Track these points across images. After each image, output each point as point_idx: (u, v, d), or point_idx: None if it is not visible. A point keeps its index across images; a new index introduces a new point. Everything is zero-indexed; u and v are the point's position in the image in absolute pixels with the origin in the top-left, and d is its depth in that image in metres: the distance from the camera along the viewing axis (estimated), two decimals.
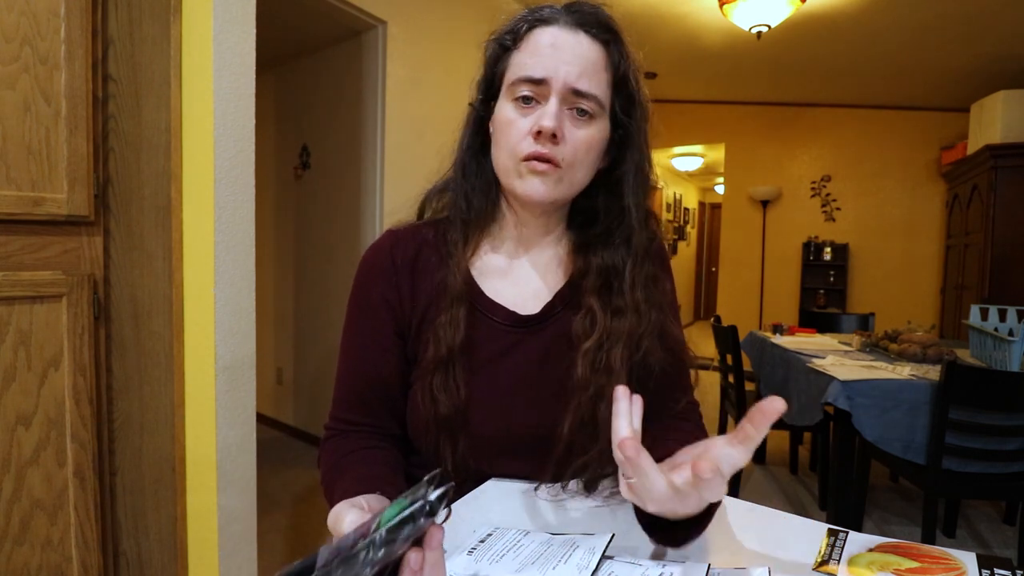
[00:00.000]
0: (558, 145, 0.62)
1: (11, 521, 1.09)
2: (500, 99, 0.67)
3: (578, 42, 0.63)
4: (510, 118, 0.64)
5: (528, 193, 0.64)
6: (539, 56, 0.62)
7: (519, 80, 0.63)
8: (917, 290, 4.77)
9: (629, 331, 0.66)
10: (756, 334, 2.87)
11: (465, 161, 0.72)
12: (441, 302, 0.67)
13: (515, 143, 0.63)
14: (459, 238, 0.70)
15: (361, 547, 0.33)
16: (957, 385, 1.63)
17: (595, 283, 0.68)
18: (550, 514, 0.62)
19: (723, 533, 0.58)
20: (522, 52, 0.64)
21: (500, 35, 0.68)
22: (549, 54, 0.62)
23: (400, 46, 2.40)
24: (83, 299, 1.16)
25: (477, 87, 0.72)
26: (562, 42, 0.63)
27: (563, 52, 0.62)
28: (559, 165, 0.63)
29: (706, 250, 9.23)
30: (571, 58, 0.62)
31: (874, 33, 3.40)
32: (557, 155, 0.62)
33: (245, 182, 1.35)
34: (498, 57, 0.68)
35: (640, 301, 0.67)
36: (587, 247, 0.70)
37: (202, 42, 1.26)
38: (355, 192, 2.58)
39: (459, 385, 0.66)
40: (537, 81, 0.62)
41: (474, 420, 0.66)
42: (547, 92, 0.62)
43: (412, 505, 0.35)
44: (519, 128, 0.63)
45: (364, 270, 0.72)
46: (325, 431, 0.73)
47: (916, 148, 4.73)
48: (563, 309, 0.70)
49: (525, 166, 0.63)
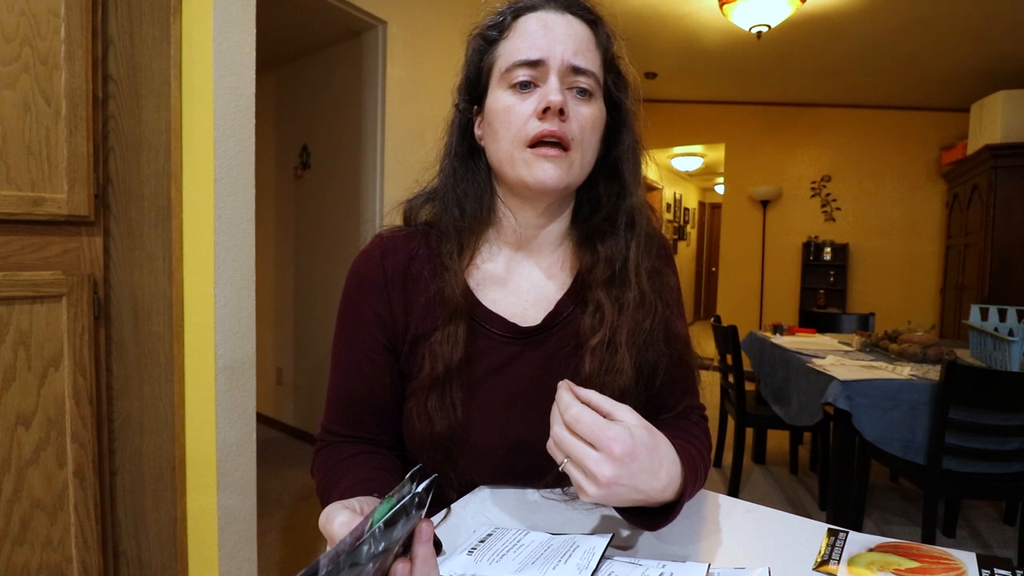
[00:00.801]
0: (565, 122, 0.61)
1: (11, 521, 1.09)
2: (492, 92, 0.64)
3: (568, 22, 0.62)
4: (508, 104, 0.62)
5: (541, 179, 0.61)
6: (531, 38, 0.61)
7: (514, 65, 0.61)
8: (917, 290, 4.77)
9: (638, 325, 0.64)
10: (756, 334, 2.87)
11: (455, 167, 0.69)
12: (436, 316, 0.65)
13: (518, 128, 0.61)
14: (454, 248, 0.66)
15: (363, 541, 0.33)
16: (957, 385, 1.63)
17: (603, 274, 0.66)
18: (550, 514, 0.62)
19: (723, 533, 0.58)
20: (511, 40, 0.63)
21: (483, 29, 0.66)
22: (542, 35, 0.61)
23: (400, 46, 2.40)
24: (83, 299, 1.16)
25: (459, 90, 0.70)
26: (552, 22, 0.62)
27: (555, 31, 0.61)
28: (568, 146, 0.61)
29: (706, 250, 9.23)
30: (563, 36, 0.61)
31: (874, 33, 3.40)
32: (567, 133, 0.61)
33: (245, 182, 1.35)
34: (483, 51, 0.66)
35: (647, 290, 0.66)
36: (592, 238, 0.68)
37: (202, 42, 1.26)
38: (355, 192, 2.58)
39: (456, 404, 0.63)
40: (534, 63, 0.60)
41: (472, 436, 0.65)
42: (545, 73, 0.61)
43: (402, 499, 0.35)
44: (520, 112, 0.61)
45: (354, 280, 0.69)
46: (318, 441, 0.71)
47: (916, 148, 4.73)
48: (565, 319, 0.68)
49: (532, 153, 0.61)
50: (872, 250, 4.92)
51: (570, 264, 0.71)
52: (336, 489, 0.60)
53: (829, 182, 5.00)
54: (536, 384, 0.65)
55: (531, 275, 0.70)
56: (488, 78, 0.65)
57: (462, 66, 0.70)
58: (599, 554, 0.49)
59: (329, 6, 2.17)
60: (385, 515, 0.34)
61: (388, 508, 0.35)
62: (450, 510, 0.61)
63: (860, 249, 4.94)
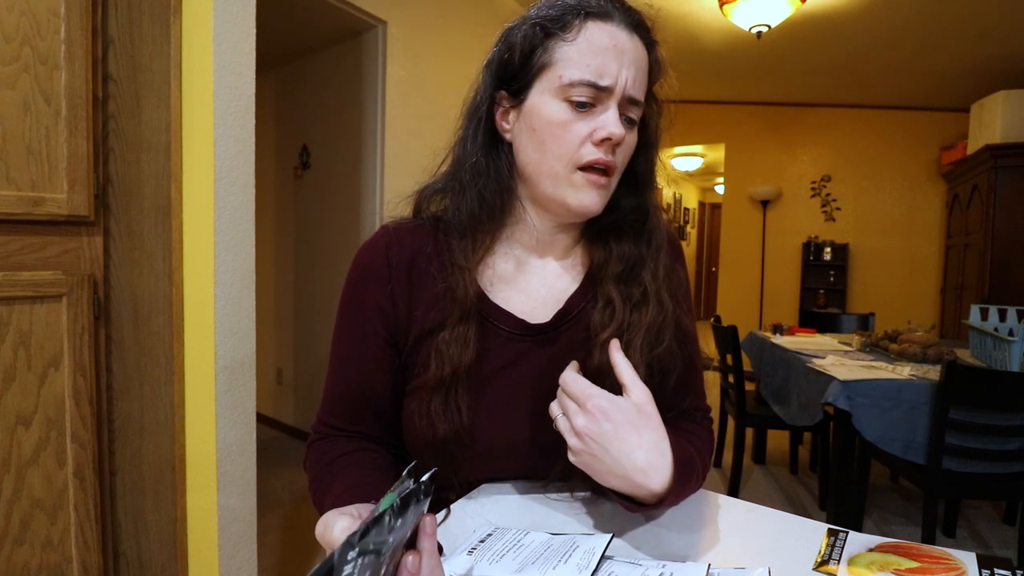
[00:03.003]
0: (615, 153, 0.60)
1: (11, 521, 1.08)
2: (540, 94, 0.60)
3: (635, 46, 0.59)
4: (564, 120, 0.59)
5: (585, 205, 0.60)
6: (602, 58, 0.57)
7: (580, 83, 0.57)
8: (917, 290, 4.77)
9: (650, 323, 0.63)
10: (756, 334, 2.87)
11: (476, 158, 0.64)
12: (442, 312, 0.63)
13: (572, 148, 0.59)
14: (467, 245, 0.64)
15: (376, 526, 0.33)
16: (957, 385, 1.63)
17: (615, 270, 0.65)
18: (550, 514, 0.62)
19: (723, 533, 0.58)
20: (577, 47, 0.58)
21: (543, 19, 0.60)
22: (613, 57, 0.57)
23: (400, 46, 2.40)
24: (83, 299, 1.16)
25: (489, 70, 0.64)
26: (623, 44, 0.58)
27: (625, 56, 0.58)
28: (612, 174, 0.61)
29: (706, 250, 9.23)
30: (630, 63, 0.58)
31: (874, 33, 3.40)
32: (616, 163, 0.60)
33: (245, 182, 1.35)
34: (536, 43, 0.60)
35: (661, 289, 0.65)
36: (605, 236, 0.68)
37: (202, 42, 1.26)
38: (355, 192, 2.58)
39: (461, 407, 0.62)
40: (601, 88, 0.58)
41: (477, 438, 0.63)
42: (608, 99, 0.58)
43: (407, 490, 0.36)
44: (578, 132, 0.59)
45: (358, 271, 0.67)
46: (312, 432, 0.70)
47: (916, 148, 4.73)
48: (575, 317, 0.67)
49: (582, 177, 0.59)
50: (872, 250, 4.92)
51: (582, 262, 0.70)
52: (330, 493, 0.59)
53: (829, 182, 5.00)
54: (543, 382, 0.63)
55: (542, 273, 0.69)
56: (537, 75, 0.60)
57: (498, 44, 0.64)
58: (599, 554, 0.49)
59: (329, 6, 2.17)
60: (394, 502, 0.34)
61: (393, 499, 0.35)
62: (450, 510, 0.61)
63: (860, 249, 4.94)
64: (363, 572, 0.31)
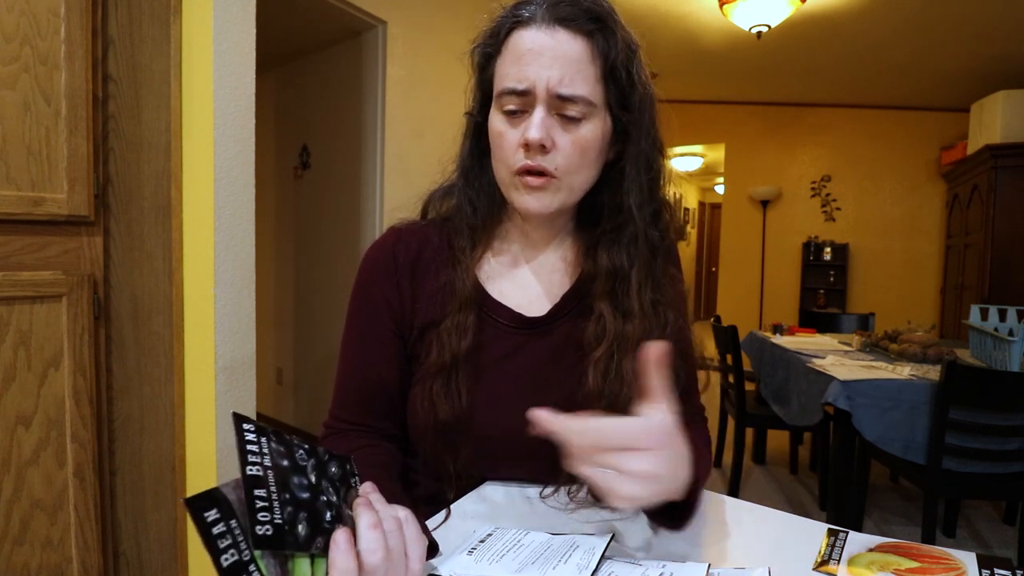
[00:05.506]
0: (548, 154, 0.60)
1: (11, 521, 1.09)
2: (492, 108, 0.64)
3: (557, 42, 0.59)
4: (500, 130, 0.62)
5: (526, 208, 0.63)
6: (519, 65, 0.60)
7: (503, 92, 0.61)
8: (917, 290, 4.77)
9: (640, 336, 0.63)
10: (756, 334, 2.87)
11: (467, 166, 0.71)
12: (444, 304, 0.66)
13: (507, 156, 0.62)
14: (466, 243, 0.69)
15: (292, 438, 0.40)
16: (957, 385, 1.63)
17: (604, 287, 0.66)
18: (550, 514, 0.62)
19: (723, 533, 0.58)
20: (504, 59, 0.62)
21: (483, 41, 0.66)
22: (529, 60, 0.59)
23: (400, 46, 2.40)
24: (83, 299, 1.16)
25: (472, 94, 0.70)
26: (540, 45, 0.59)
27: (542, 56, 0.59)
28: (554, 176, 0.61)
29: (706, 250, 9.23)
30: (550, 62, 0.58)
31: (874, 33, 3.40)
32: (549, 165, 0.60)
33: (245, 182, 1.35)
34: (483, 66, 0.66)
35: (647, 304, 0.65)
36: (594, 248, 0.68)
37: (202, 42, 1.26)
38: (355, 192, 2.58)
39: (461, 391, 0.64)
40: (520, 93, 0.60)
41: (476, 424, 0.65)
42: (532, 101, 0.60)
43: (329, 454, 0.43)
44: (510, 141, 0.62)
45: (366, 268, 0.71)
46: (323, 428, 0.72)
47: (916, 148, 4.73)
48: (570, 313, 0.68)
49: (520, 180, 0.62)
50: (872, 250, 4.92)
51: (572, 266, 0.72)
52: None
53: (829, 182, 5.00)
54: (541, 373, 0.67)
55: (538, 268, 0.72)
56: (491, 90, 0.65)
57: (470, 71, 0.70)
58: (599, 554, 0.49)
59: (329, 6, 2.17)
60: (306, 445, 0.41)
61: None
62: (450, 511, 0.61)
63: (860, 249, 4.94)
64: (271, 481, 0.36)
